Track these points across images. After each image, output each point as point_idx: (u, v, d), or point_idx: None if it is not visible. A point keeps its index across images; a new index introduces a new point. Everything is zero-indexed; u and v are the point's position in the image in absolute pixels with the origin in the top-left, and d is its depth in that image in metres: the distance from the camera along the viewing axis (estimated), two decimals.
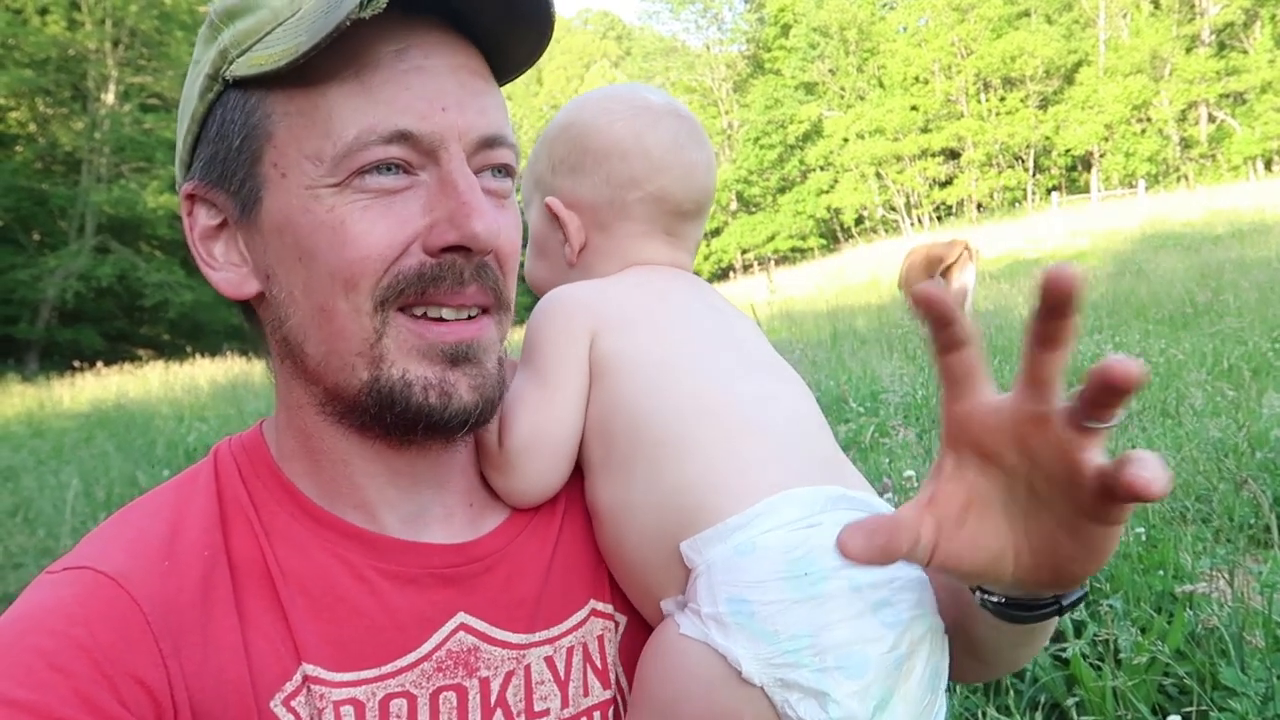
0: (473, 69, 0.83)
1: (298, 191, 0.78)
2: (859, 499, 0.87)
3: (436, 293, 0.80)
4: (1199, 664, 2.22)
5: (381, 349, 0.79)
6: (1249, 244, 16.15)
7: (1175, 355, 7.13)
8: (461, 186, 0.79)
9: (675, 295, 1.03)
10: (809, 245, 53.08)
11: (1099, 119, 43.98)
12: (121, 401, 14.46)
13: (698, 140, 1.08)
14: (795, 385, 0.99)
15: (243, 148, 0.80)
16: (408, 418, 0.80)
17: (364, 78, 0.77)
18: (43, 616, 0.72)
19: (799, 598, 0.78)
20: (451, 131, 0.79)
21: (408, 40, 0.78)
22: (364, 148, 0.76)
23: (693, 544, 0.84)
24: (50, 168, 32.34)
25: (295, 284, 0.80)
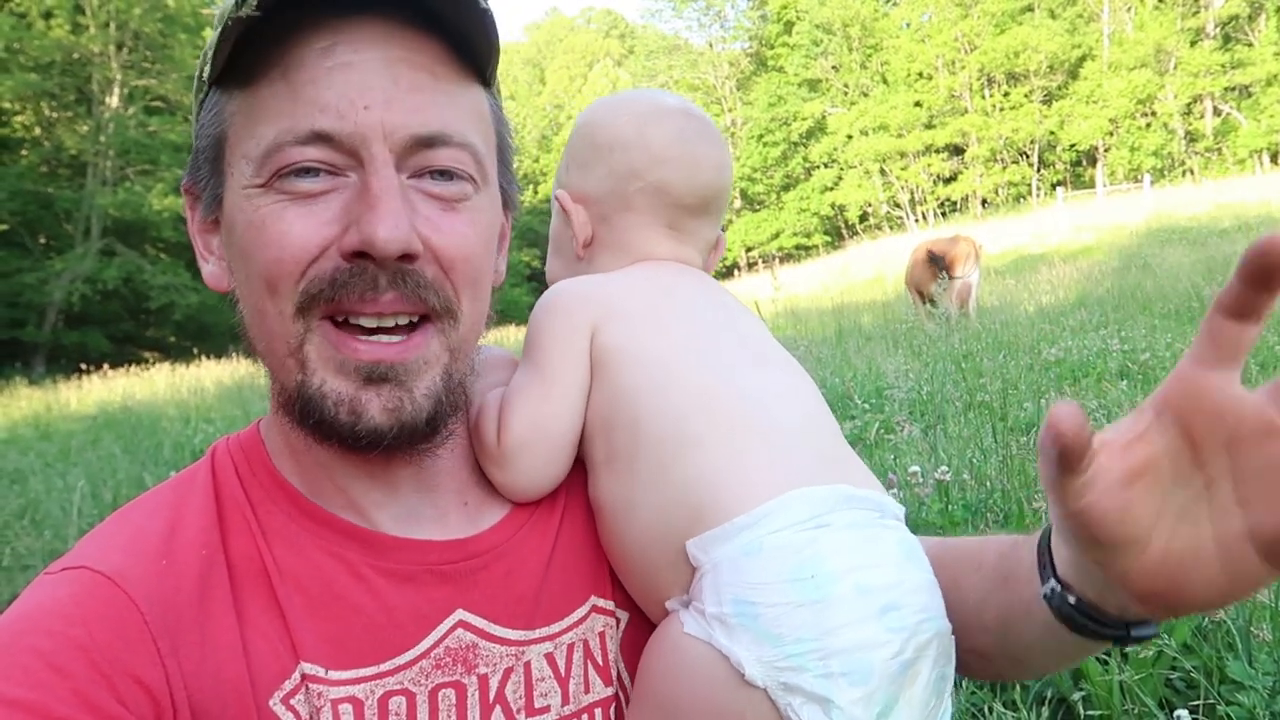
0: (416, 63, 0.79)
1: (237, 191, 0.79)
2: (868, 497, 0.86)
3: (349, 299, 0.77)
4: (1206, 658, 2.21)
5: (305, 355, 0.79)
6: (1255, 237, 16.03)
7: (1182, 350, 7.08)
8: (374, 189, 0.76)
9: (680, 290, 1.02)
10: (813, 242, 53.04)
11: (1103, 113, 43.86)
12: (128, 404, 14.49)
13: (706, 137, 1.07)
14: (802, 381, 0.98)
15: (209, 149, 0.82)
16: (323, 428, 0.80)
17: (290, 76, 0.76)
18: (41, 617, 0.72)
19: (804, 600, 0.77)
20: (374, 131, 0.76)
21: (337, 36, 0.76)
22: (280, 149, 0.76)
23: (699, 543, 0.84)
24: (55, 171, 32.43)
25: (240, 282, 0.83)
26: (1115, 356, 7.28)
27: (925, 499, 3.23)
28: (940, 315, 10.40)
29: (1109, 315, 9.89)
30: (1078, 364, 7.32)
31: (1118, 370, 6.95)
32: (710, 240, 1.11)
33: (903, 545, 0.85)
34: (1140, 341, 7.72)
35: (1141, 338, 7.94)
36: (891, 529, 0.86)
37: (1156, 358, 6.95)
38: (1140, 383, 6.39)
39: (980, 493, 3.36)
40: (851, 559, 0.80)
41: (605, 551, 0.95)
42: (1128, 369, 6.89)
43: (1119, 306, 10.55)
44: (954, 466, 3.60)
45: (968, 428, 4.88)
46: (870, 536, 0.83)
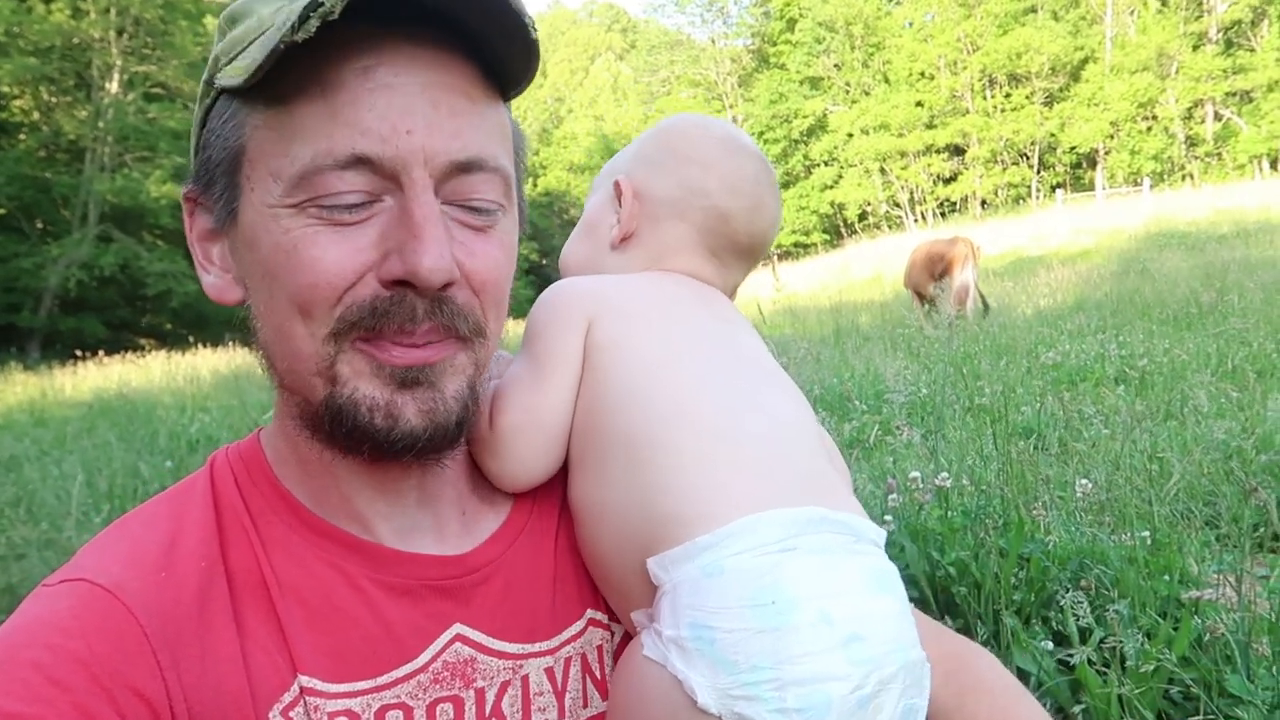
0: (452, 86, 0.77)
1: (261, 209, 0.77)
2: (843, 521, 0.84)
3: (388, 329, 0.77)
4: (1205, 671, 2.21)
5: (336, 372, 0.78)
6: (1254, 244, 16.12)
7: (1179, 356, 7.11)
8: (417, 217, 0.75)
9: (684, 298, 1.01)
10: (812, 241, 53.03)
11: (1104, 116, 43.88)
12: (124, 391, 14.46)
13: (775, 190, 1.11)
14: (790, 398, 0.97)
15: (223, 159, 0.79)
16: (355, 436, 0.79)
17: (328, 96, 0.73)
18: (39, 630, 0.72)
19: (763, 627, 0.75)
20: (416, 156, 0.75)
21: (378, 57, 0.74)
22: (320, 171, 0.74)
23: (660, 561, 0.82)
24: (54, 156, 32.35)
25: (261, 300, 0.80)
26: (1113, 361, 7.29)
27: (925, 505, 3.23)
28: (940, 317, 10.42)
29: (1107, 320, 9.90)
30: (1075, 368, 7.33)
31: (1115, 375, 6.96)
32: (738, 284, 1.13)
33: (873, 572, 0.82)
34: (1138, 347, 7.73)
35: (1139, 343, 7.96)
36: (864, 555, 0.83)
37: (1154, 363, 6.96)
38: (1138, 388, 6.40)
39: (980, 499, 3.36)
40: (816, 586, 0.77)
41: (581, 555, 0.94)
42: (1125, 374, 6.90)
43: (1117, 311, 10.57)
44: (953, 472, 3.60)
45: (966, 431, 4.88)
46: (839, 563, 0.81)
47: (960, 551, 2.88)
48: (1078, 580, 2.74)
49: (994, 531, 2.95)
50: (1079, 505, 3.40)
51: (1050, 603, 2.73)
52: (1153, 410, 5.45)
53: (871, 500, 3.60)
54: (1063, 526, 3.16)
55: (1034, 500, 3.33)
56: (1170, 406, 5.47)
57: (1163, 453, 4.15)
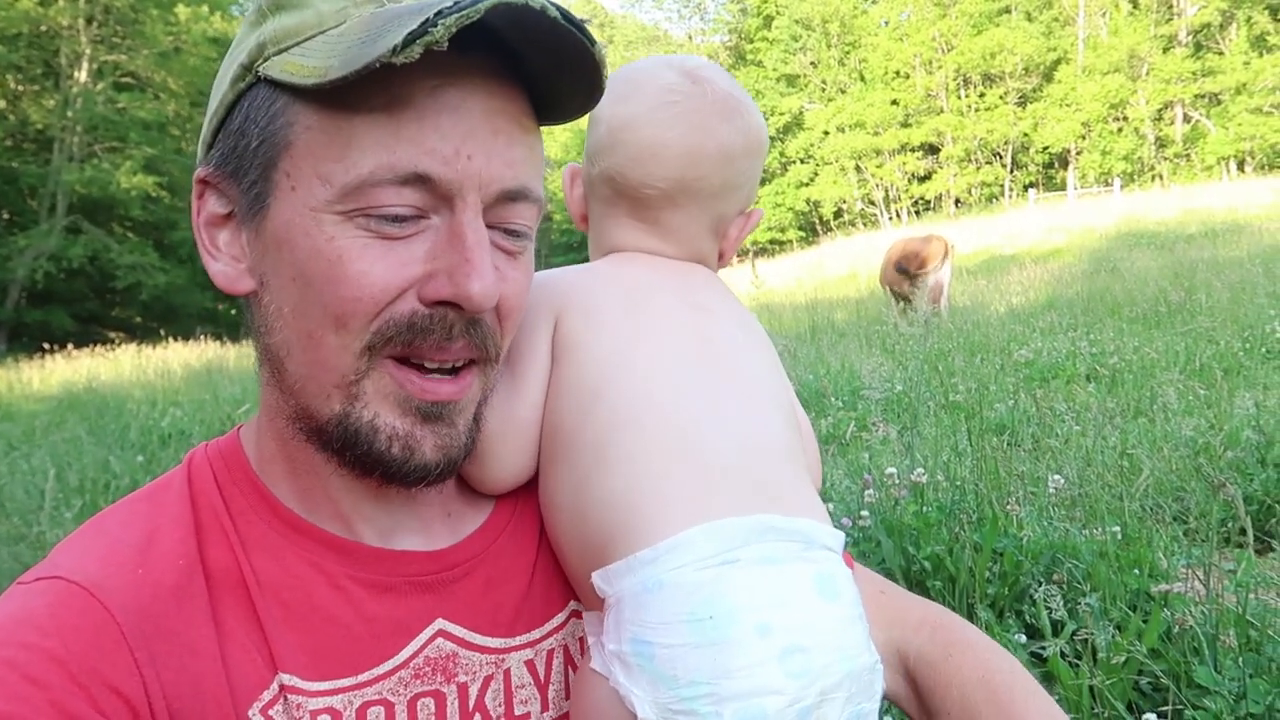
0: (511, 114, 0.78)
1: (302, 210, 0.75)
2: (794, 528, 0.82)
3: (423, 345, 0.77)
4: (1174, 663, 2.26)
5: (360, 389, 0.77)
6: (1221, 243, 16.37)
7: (1149, 354, 7.22)
8: (469, 241, 0.75)
9: (651, 289, 0.97)
10: (787, 237, 53.21)
11: (1076, 117, 44.36)
12: (93, 385, 14.27)
13: (682, 119, 0.96)
14: (756, 395, 0.93)
15: (260, 149, 0.77)
16: (368, 461, 0.79)
17: (394, 111, 0.72)
18: (14, 628, 0.71)
19: (700, 642, 0.74)
20: (472, 181, 0.75)
21: (447, 77, 0.74)
22: (378, 184, 0.73)
23: (604, 574, 0.82)
24: (21, 146, 31.82)
25: (286, 301, 0.78)
26: (1084, 359, 7.39)
27: (901, 500, 3.27)
28: (914, 313, 10.50)
29: (1078, 318, 10.03)
30: (1047, 366, 7.42)
31: (1086, 373, 7.06)
32: (695, 228, 1.02)
33: (820, 579, 0.80)
34: (1109, 345, 7.84)
35: (1110, 341, 8.07)
36: (812, 561, 0.81)
37: (1124, 361, 7.06)
38: (1108, 386, 6.49)
39: (954, 494, 3.40)
40: (755, 597, 0.76)
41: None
42: (1096, 372, 6.99)
43: (1088, 309, 10.70)
44: (929, 468, 3.64)
45: (940, 428, 4.93)
46: (783, 572, 0.79)
47: (935, 546, 2.92)
48: (1050, 574, 2.78)
49: (968, 526, 2.99)
50: (1051, 501, 3.45)
51: (1023, 596, 2.77)
52: (1123, 407, 5.53)
53: (848, 496, 3.63)
54: (1036, 521, 3.21)
55: (1008, 496, 3.38)
56: (1140, 404, 5.56)
57: (1133, 449, 4.22)
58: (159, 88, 34.05)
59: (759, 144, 1.02)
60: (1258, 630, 2.32)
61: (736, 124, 0.99)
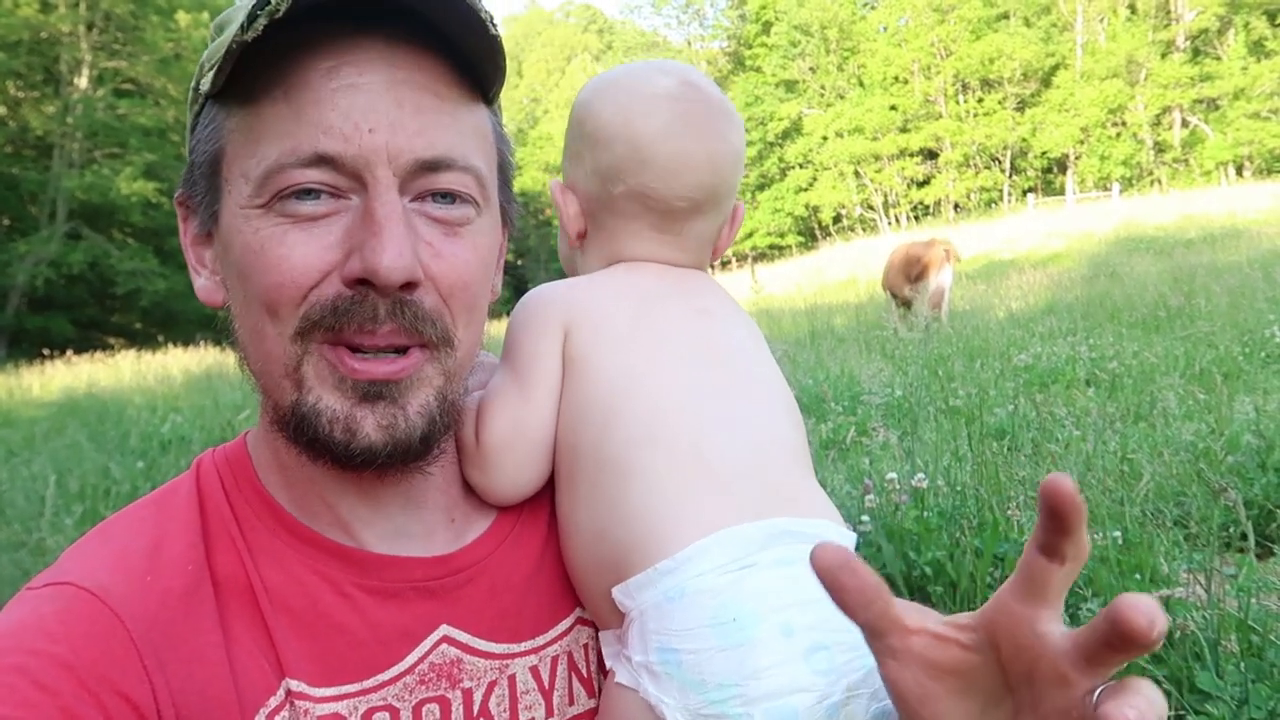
0: (420, 84, 0.77)
1: (234, 210, 0.78)
2: (807, 530, 0.83)
3: (348, 328, 0.76)
4: (1175, 668, 2.26)
5: (302, 374, 0.78)
6: (1220, 248, 16.38)
7: (1149, 359, 7.22)
8: (378, 215, 0.74)
9: (658, 298, 0.97)
10: (787, 243, 53.24)
11: (1075, 122, 44.43)
12: (93, 391, 14.27)
13: (698, 128, 0.97)
14: (765, 401, 0.94)
15: (202, 162, 0.80)
16: (315, 446, 0.79)
17: (292, 96, 0.74)
18: (24, 634, 0.71)
19: (726, 645, 0.75)
20: (379, 155, 0.74)
21: (343, 56, 0.75)
22: (282, 170, 0.74)
23: (625, 589, 0.82)
24: (21, 152, 31.81)
25: (236, 301, 0.81)
26: (1084, 364, 7.39)
27: (901, 505, 3.27)
28: (915, 318, 10.50)
29: (1078, 322, 10.03)
30: (1047, 371, 7.42)
31: (1086, 378, 7.05)
32: (709, 234, 1.03)
33: None
34: (1108, 349, 7.83)
35: (1109, 346, 8.06)
36: None
37: (1124, 366, 7.06)
38: (1108, 390, 6.49)
39: (955, 500, 3.40)
40: (776, 599, 0.77)
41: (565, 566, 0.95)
42: (1096, 376, 6.99)
43: (1087, 314, 10.70)
44: (929, 473, 3.64)
45: (940, 433, 4.93)
46: (800, 573, 0.77)
47: (936, 551, 2.92)
48: None
49: (969, 532, 2.99)
50: None
51: None
52: (1123, 412, 5.53)
53: (848, 501, 3.63)
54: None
55: (1008, 501, 3.37)
56: (1140, 408, 5.56)
57: (1133, 454, 4.22)
58: (159, 94, 34.05)
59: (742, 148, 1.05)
60: (1259, 635, 2.32)
61: (737, 125, 1.01)
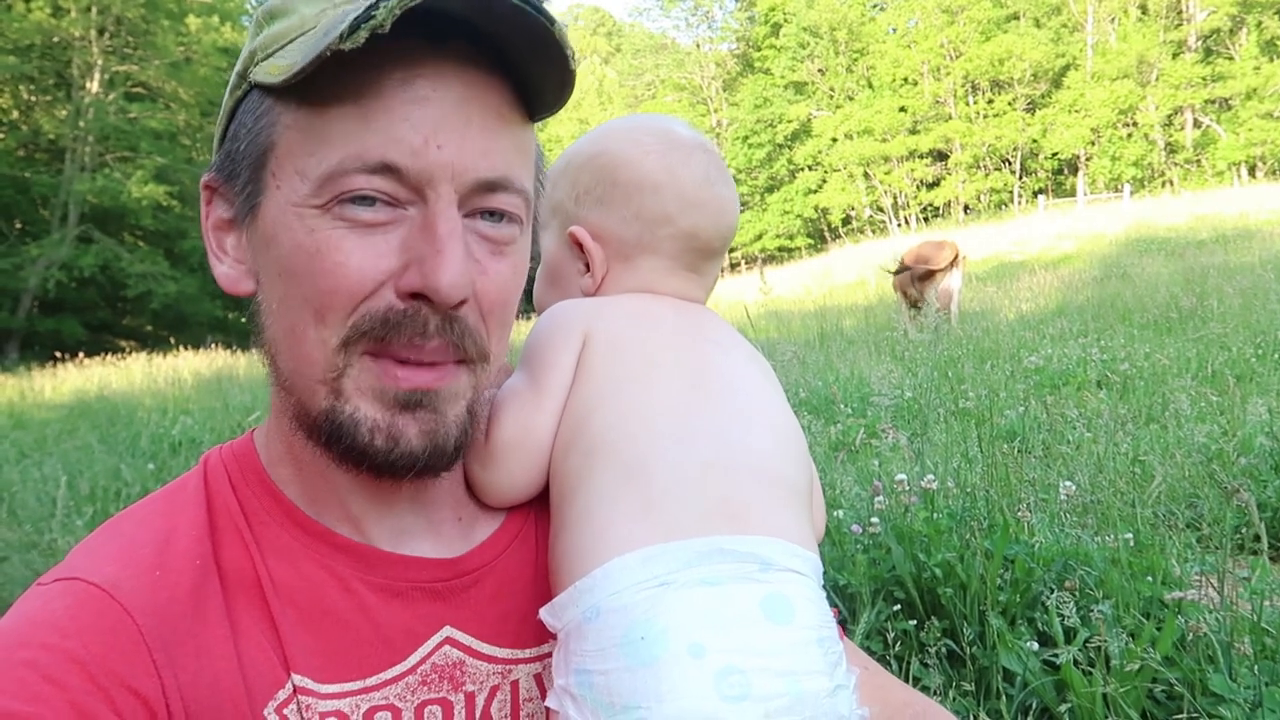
0: (487, 103, 0.78)
1: (285, 206, 0.77)
2: (747, 550, 0.80)
3: (397, 342, 0.77)
4: (1188, 670, 2.24)
5: (341, 384, 0.78)
6: (1233, 249, 16.30)
7: (1160, 360, 7.18)
8: (440, 231, 0.75)
9: (669, 320, 0.99)
10: (796, 245, 53.24)
11: (1086, 123, 44.28)
12: (104, 393, 14.35)
13: (725, 177, 1.05)
14: (749, 424, 0.92)
15: (248, 151, 0.79)
16: (354, 454, 0.79)
17: (364, 103, 0.74)
18: (33, 629, 0.72)
19: (634, 664, 0.73)
20: (444, 171, 0.75)
21: (417, 69, 0.75)
22: (346, 174, 0.74)
23: (550, 608, 0.82)
24: (33, 155, 32.08)
25: (274, 297, 0.80)
26: (1095, 366, 7.36)
27: (911, 507, 3.25)
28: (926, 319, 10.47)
29: (1089, 324, 9.99)
30: (1058, 373, 7.39)
31: (1097, 379, 7.03)
32: (717, 271, 1.10)
33: (770, 601, 0.77)
34: (1120, 351, 7.80)
35: (1121, 347, 8.03)
36: (763, 584, 0.78)
37: (1136, 368, 7.03)
38: (1120, 392, 6.46)
39: (965, 501, 3.39)
40: (689, 618, 0.74)
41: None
42: (1107, 378, 6.96)
43: (1098, 315, 10.67)
44: (939, 474, 3.62)
45: (950, 435, 4.91)
46: (726, 593, 0.77)
47: (946, 553, 2.90)
48: (1062, 581, 2.76)
49: (979, 533, 2.97)
50: (1063, 507, 3.43)
51: (1035, 603, 2.75)
52: (1135, 414, 5.50)
53: (858, 503, 3.62)
54: (1047, 528, 3.19)
55: (1018, 502, 3.36)
56: (1152, 410, 5.53)
57: (1145, 456, 4.19)
58: (170, 98, 34.29)
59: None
60: (1273, 638, 2.30)
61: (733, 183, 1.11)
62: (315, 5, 0.78)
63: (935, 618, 2.70)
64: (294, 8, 0.79)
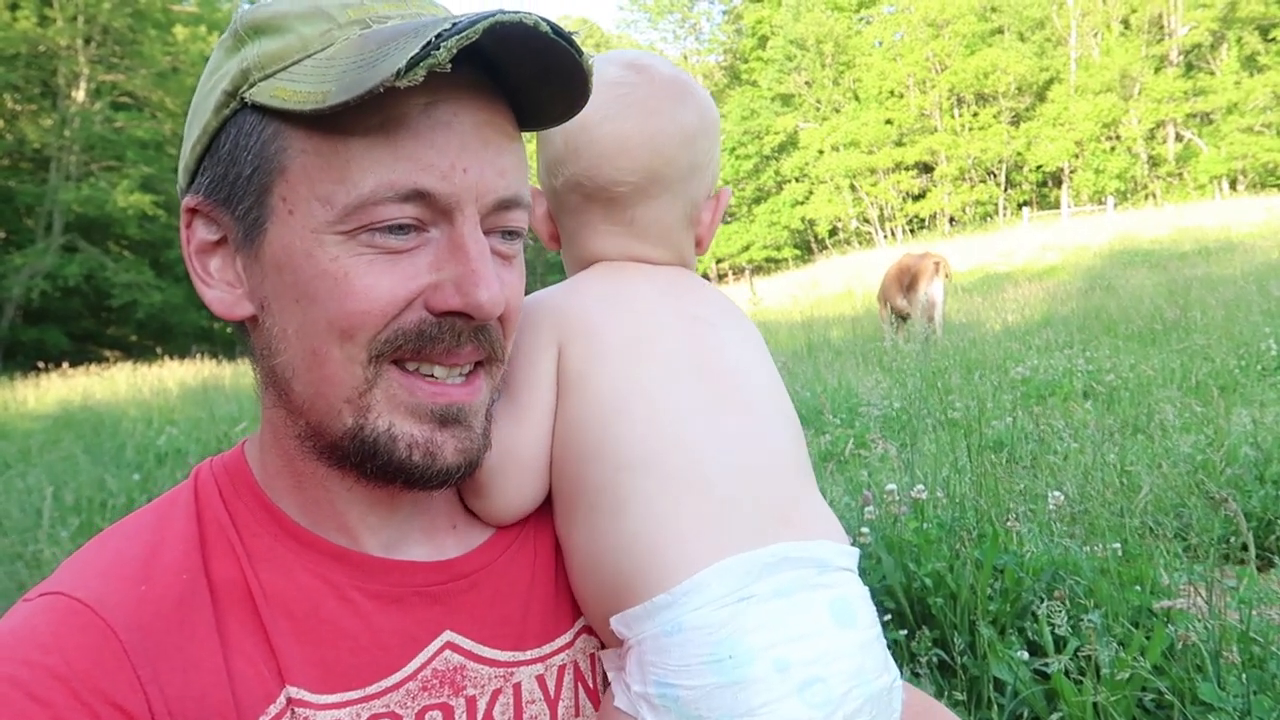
0: (498, 125, 0.80)
1: (302, 233, 0.76)
2: (807, 555, 0.83)
3: (433, 352, 0.79)
4: (1177, 679, 2.25)
5: (370, 400, 0.78)
6: (1215, 262, 16.44)
7: (1145, 371, 7.23)
8: (472, 253, 0.77)
9: (650, 306, 0.96)
10: (783, 255, 53.35)
11: (1070, 136, 44.60)
12: (88, 403, 14.23)
13: (636, 108, 0.96)
14: (766, 416, 0.93)
15: (254, 176, 0.77)
16: (389, 471, 0.80)
17: (390, 130, 0.74)
18: (16, 645, 0.72)
19: (723, 682, 0.76)
20: (469, 193, 0.77)
21: (437, 94, 0.75)
22: (380, 202, 0.74)
23: (623, 619, 0.83)
24: (18, 165, 31.81)
25: (289, 322, 0.79)
26: (1081, 377, 7.40)
27: (901, 517, 3.27)
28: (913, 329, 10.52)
29: (1074, 335, 10.05)
30: (1044, 383, 7.43)
31: (1083, 390, 7.07)
32: (670, 221, 1.00)
33: (836, 605, 0.82)
34: (1105, 362, 7.85)
35: (1106, 358, 8.08)
36: (828, 587, 0.83)
37: (1121, 379, 7.07)
38: (1105, 403, 6.50)
39: (954, 511, 3.40)
40: (771, 634, 0.78)
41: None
42: (1093, 389, 7.01)
43: (1083, 327, 10.73)
44: (928, 485, 3.64)
45: (939, 445, 4.93)
46: (798, 603, 0.80)
47: (936, 563, 2.91)
48: (1051, 591, 2.78)
49: (969, 543, 2.99)
50: (1052, 517, 3.45)
51: (1025, 613, 2.77)
52: (1121, 424, 5.54)
53: (848, 513, 3.63)
54: (1036, 538, 3.21)
55: (1008, 512, 3.37)
56: (1138, 421, 5.57)
57: (1132, 466, 4.22)
58: (156, 107, 34.09)
59: (713, 121, 1.02)
60: (1261, 647, 2.32)
61: (689, 104, 0.99)
62: (315, 25, 0.76)
63: (926, 627, 2.71)
64: (289, 25, 0.77)
